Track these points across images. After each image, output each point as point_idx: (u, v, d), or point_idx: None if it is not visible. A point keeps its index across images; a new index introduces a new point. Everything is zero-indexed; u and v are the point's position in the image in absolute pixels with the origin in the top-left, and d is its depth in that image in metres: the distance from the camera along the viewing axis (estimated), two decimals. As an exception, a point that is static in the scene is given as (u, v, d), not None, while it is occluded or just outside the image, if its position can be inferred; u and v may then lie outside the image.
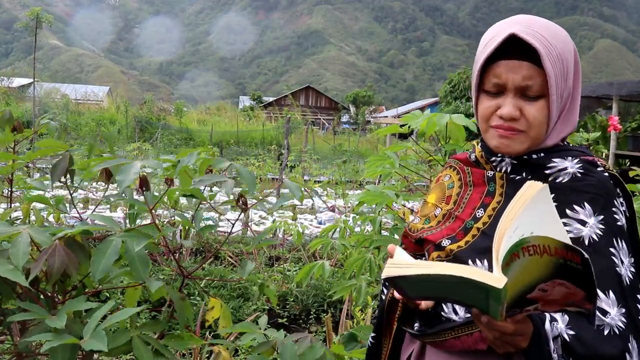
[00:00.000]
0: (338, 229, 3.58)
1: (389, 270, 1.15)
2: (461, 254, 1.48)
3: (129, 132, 30.31)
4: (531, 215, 1.12)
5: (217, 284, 5.61)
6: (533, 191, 1.14)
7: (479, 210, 1.53)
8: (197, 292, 5.22)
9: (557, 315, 1.28)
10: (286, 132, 15.12)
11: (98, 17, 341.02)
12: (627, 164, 12.50)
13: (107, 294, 4.82)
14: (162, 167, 1.88)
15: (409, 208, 3.41)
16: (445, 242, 1.53)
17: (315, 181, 14.62)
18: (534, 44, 1.36)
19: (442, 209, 1.63)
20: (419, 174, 3.21)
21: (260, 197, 2.00)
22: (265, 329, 2.19)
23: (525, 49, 1.39)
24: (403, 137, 23.36)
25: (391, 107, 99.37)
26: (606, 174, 1.44)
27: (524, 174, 1.49)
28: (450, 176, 1.68)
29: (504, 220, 1.12)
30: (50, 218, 4.89)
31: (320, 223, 10.12)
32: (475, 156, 1.62)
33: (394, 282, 1.20)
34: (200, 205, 2.06)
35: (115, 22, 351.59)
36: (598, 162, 1.46)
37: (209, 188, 2.09)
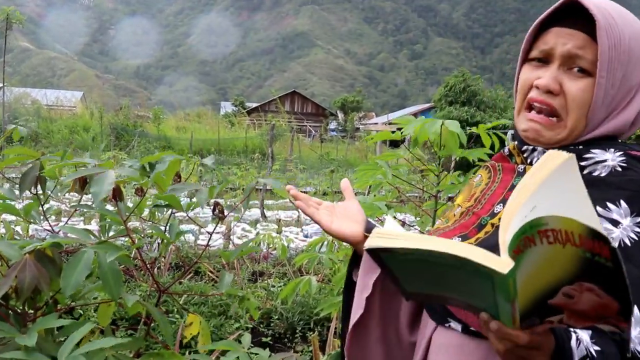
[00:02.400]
0: (325, 243, 3.58)
1: (372, 241, 1.01)
2: None
3: (104, 139, 30.17)
4: (552, 191, 0.93)
5: (197, 301, 5.58)
6: (556, 162, 0.94)
7: (498, 206, 1.41)
8: (176, 310, 5.19)
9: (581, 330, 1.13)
10: (270, 139, 15.12)
11: (71, 18, 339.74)
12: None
13: (81, 311, 4.79)
14: (138, 176, 1.87)
15: (400, 220, 3.41)
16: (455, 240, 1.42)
17: (301, 192, 14.59)
18: (592, 10, 1.29)
19: (462, 207, 1.53)
20: (412, 184, 3.21)
21: (235, 205, 1.99)
22: (249, 348, 2.18)
23: (586, 23, 1.31)
24: (394, 145, 23.40)
25: (381, 113, 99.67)
26: None
27: None
28: (481, 176, 1.57)
29: (518, 194, 0.93)
30: (19, 229, 4.85)
31: (306, 236, 10.10)
32: (509, 149, 1.53)
33: (382, 263, 1.07)
34: (178, 217, 2.06)
35: (89, 23, 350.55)
36: None
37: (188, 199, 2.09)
